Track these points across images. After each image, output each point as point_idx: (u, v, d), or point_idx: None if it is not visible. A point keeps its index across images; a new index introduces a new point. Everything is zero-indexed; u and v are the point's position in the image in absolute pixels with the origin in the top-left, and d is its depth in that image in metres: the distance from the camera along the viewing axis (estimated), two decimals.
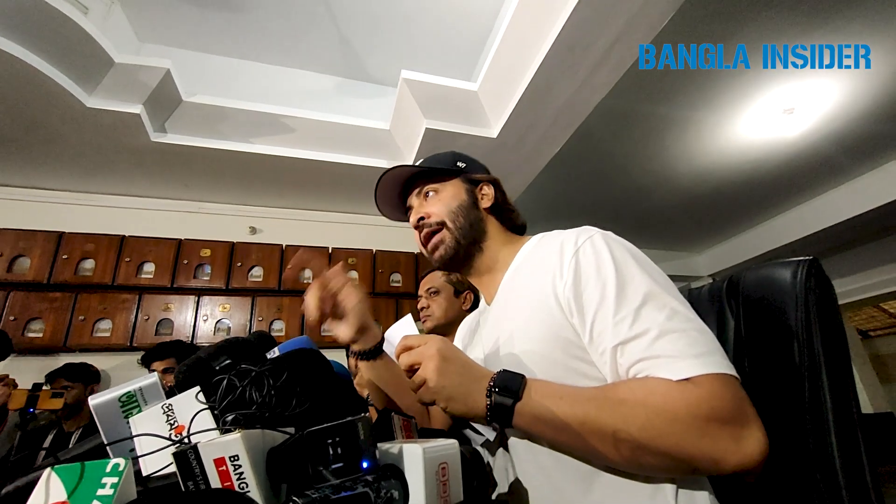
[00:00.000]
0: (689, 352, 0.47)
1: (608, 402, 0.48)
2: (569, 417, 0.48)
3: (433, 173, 0.77)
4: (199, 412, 0.40)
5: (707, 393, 0.45)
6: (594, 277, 0.54)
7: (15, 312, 2.23)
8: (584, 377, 0.54)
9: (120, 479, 0.30)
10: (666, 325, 0.49)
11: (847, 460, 0.51)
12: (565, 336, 0.55)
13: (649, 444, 0.45)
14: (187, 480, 0.33)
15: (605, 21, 1.71)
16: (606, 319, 0.51)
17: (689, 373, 0.45)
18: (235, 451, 0.34)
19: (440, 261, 0.74)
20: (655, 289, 0.52)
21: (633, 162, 3.19)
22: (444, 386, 0.51)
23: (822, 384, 0.54)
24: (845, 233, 3.73)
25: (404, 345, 0.55)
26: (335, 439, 0.36)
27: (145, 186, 2.63)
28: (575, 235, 0.60)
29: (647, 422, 0.45)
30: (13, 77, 1.81)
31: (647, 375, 0.48)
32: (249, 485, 0.34)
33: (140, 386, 0.46)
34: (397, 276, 2.91)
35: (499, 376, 0.52)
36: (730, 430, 0.44)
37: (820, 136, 2.90)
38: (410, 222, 0.78)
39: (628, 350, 0.50)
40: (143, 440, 0.41)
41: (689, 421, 0.44)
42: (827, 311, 0.58)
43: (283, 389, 0.43)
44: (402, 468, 0.41)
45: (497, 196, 0.77)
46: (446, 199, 0.75)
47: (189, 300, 2.51)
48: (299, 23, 2.34)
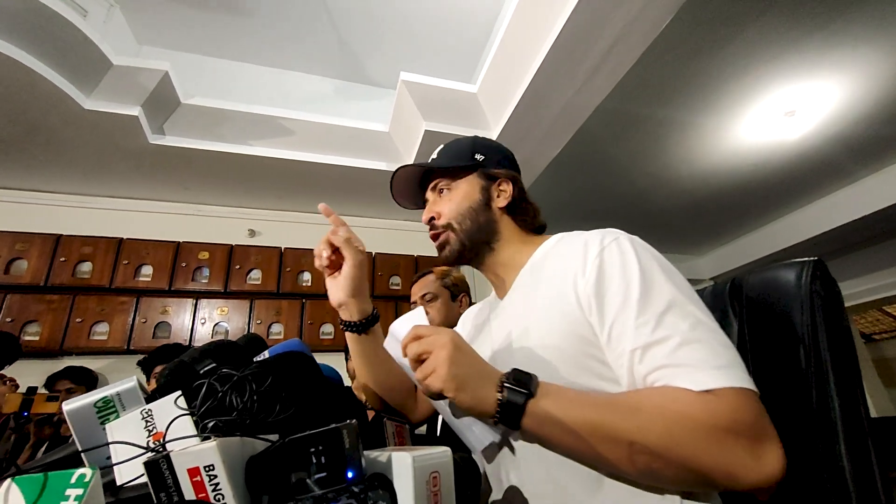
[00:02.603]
0: (712, 363, 0.45)
1: (624, 408, 0.46)
2: (581, 421, 0.46)
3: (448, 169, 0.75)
4: (176, 418, 0.38)
5: (729, 406, 0.43)
6: (618, 278, 0.53)
7: (12, 315, 2.22)
8: (596, 377, 0.53)
9: (86, 490, 0.28)
10: (689, 334, 0.47)
11: (857, 466, 0.50)
12: (582, 333, 0.54)
13: (666, 454, 0.43)
14: (159, 491, 0.32)
15: (604, 24, 1.70)
16: (628, 321, 0.50)
17: (711, 384, 0.44)
18: (210, 461, 0.32)
19: (445, 260, 0.74)
20: (679, 297, 0.51)
21: (634, 165, 3.18)
22: (456, 374, 0.49)
23: (829, 389, 0.52)
24: (848, 235, 3.70)
25: (414, 334, 0.53)
26: (318, 447, 0.35)
27: (143, 189, 2.63)
28: (600, 236, 0.59)
29: (665, 430, 0.43)
30: (11, 79, 1.80)
31: (666, 384, 0.47)
32: (226, 496, 0.32)
33: (118, 391, 0.44)
34: (396, 278, 2.90)
35: (512, 373, 0.50)
36: (749, 445, 0.43)
37: (821, 138, 2.88)
38: (423, 219, 0.76)
39: (649, 355, 0.48)
40: (120, 448, 0.39)
41: (709, 432, 0.43)
42: (833, 313, 0.56)
43: (267, 394, 0.41)
44: (391, 477, 0.39)
45: (515, 193, 0.74)
46: (457, 199, 0.73)
47: (187, 303, 2.50)
48: (298, 25, 2.34)
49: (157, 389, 0.45)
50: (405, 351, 0.53)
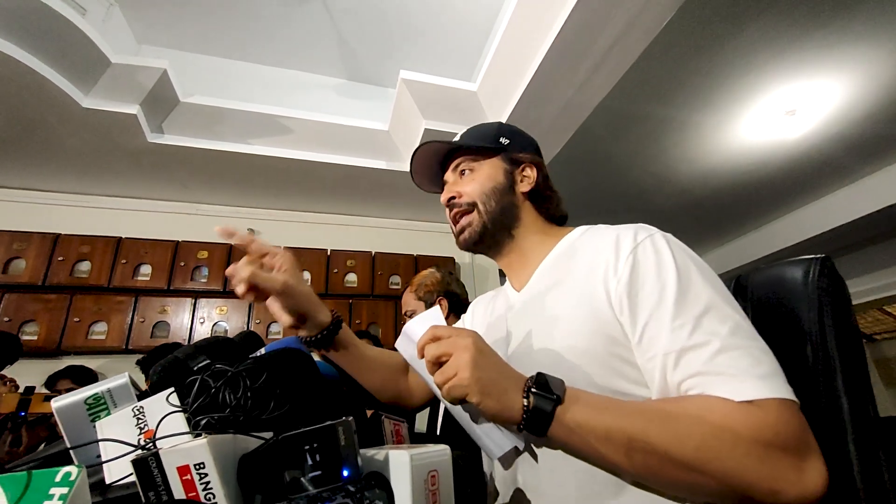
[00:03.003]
0: (754, 372, 0.43)
1: (659, 418, 0.44)
2: (613, 429, 0.44)
3: (473, 149, 0.73)
4: (167, 415, 0.37)
5: (772, 418, 0.41)
6: (653, 277, 0.50)
7: (9, 314, 2.21)
8: (623, 378, 0.51)
9: (71, 489, 0.27)
10: (729, 340, 0.45)
11: (865, 464, 0.49)
12: (610, 333, 0.51)
13: (704, 467, 0.41)
14: (148, 490, 0.31)
15: (604, 22, 1.69)
16: (662, 323, 0.47)
17: (753, 395, 0.42)
18: (201, 459, 0.31)
19: (464, 243, 0.71)
20: (717, 299, 0.48)
21: (634, 164, 3.17)
22: (480, 378, 0.46)
23: (837, 387, 0.51)
24: (849, 235, 3.69)
25: (433, 335, 0.50)
26: (313, 445, 0.33)
27: (142, 188, 2.62)
28: (633, 231, 0.56)
29: (702, 442, 0.41)
30: (9, 77, 1.79)
31: (703, 392, 0.44)
32: (217, 495, 0.31)
33: (109, 387, 0.43)
34: (396, 278, 2.88)
35: (538, 377, 0.48)
36: (792, 459, 0.41)
37: (822, 137, 2.87)
38: (441, 199, 0.73)
39: (684, 361, 0.45)
40: (110, 445, 0.38)
41: (751, 445, 0.41)
42: (841, 311, 0.55)
43: (262, 391, 0.40)
44: (388, 476, 0.38)
45: (539, 180, 0.72)
46: (481, 180, 0.70)
47: (186, 302, 2.49)
48: (297, 24, 2.33)
49: (150, 386, 0.44)
50: (422, 352, 0.51)
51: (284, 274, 0.61)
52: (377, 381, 0.75)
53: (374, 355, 0.76)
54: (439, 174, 0.78)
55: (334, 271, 2.75)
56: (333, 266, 2.76)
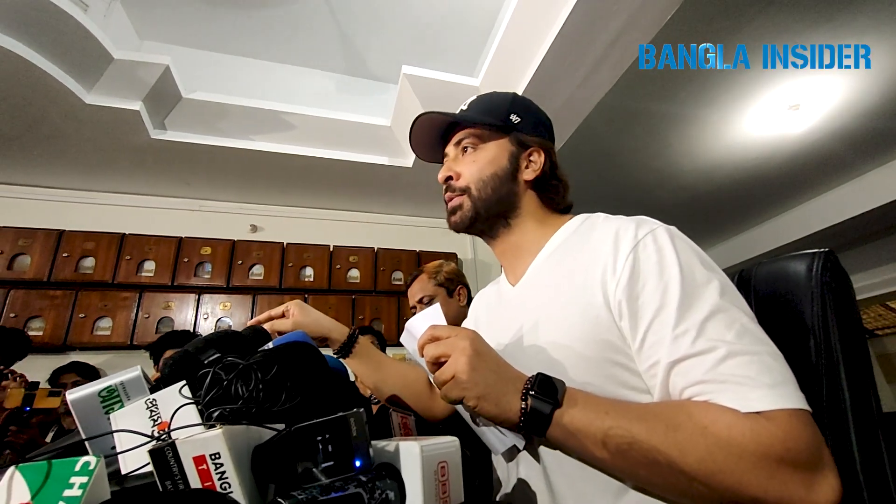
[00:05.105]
0: (762, 380, 0.41)
1: (662, 426, 0.42)
2: (614, 437, 0.42)
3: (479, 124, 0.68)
4: (180, 407, 0.38)
5: (782, 432, 0.39)
6: (654, 279, 0.47)
7: (15, 310, 2.22)
8: (622, 386, 0.49)
9: (90, 478, 0.28)
10: (735, 346, 0.42)
11: (867, 459, 0.49)
12: (608, 339, 0.49)
13: (708, 480, 0.39)
14: (165, 480, 0.31)
15: (606, 18, 1.68)
16: (664, 329, 0.45)
17: (762, 405, 0.40)
18: (216, 449, 0.31)
19: (453, 225, 0.68)
20: (724, 301, 0.45)
21: (636, 160, 3.16)
22: (477, 382, 0.45)
23: (840, 382, 0.51)
24: (852, 230, 3.68)
25: (431, 335, 0.49)
26: (325, 436, 0.34)
27: (146, 184, 2.62)
28: (634, 226, 0.52)
29: (707, 454, 0.39)
30: (12, 74, 1.79)
31: (708, 401, 0.42)
32: (232, 484, 0.32)
33: (122, 380, 0.43)
34: (399, 273, 2.89)
35: (537, 378, 0.46)
36: (803, 475, 0.39)
37: (826, 132, 2.86)
38: (439, 177, 0.70)
39: (687, 368, 0.43)
40: (125, 437, 0.39)
41: (758, 460, 0.38)
42: (844, 305, 0.55)
43: (273, 384, 0.41)
44: (399, 467, 0.39)
45: (545, 167, 0.67)
46: (481, 163, 0.66)
47: (190, 298, 2.50)
48: (300, 19, 2.32)
49: (160, 379, 0.45)
50: (422, 352, 0.50)
51: (293, 318, 0.75)
52: (397, 391, 0.78)
53: (396, 369, 0.80)
54: (440, 145, 0.74)
55: (337, 267, 2.76)
56: (336, 262, 2.77)
